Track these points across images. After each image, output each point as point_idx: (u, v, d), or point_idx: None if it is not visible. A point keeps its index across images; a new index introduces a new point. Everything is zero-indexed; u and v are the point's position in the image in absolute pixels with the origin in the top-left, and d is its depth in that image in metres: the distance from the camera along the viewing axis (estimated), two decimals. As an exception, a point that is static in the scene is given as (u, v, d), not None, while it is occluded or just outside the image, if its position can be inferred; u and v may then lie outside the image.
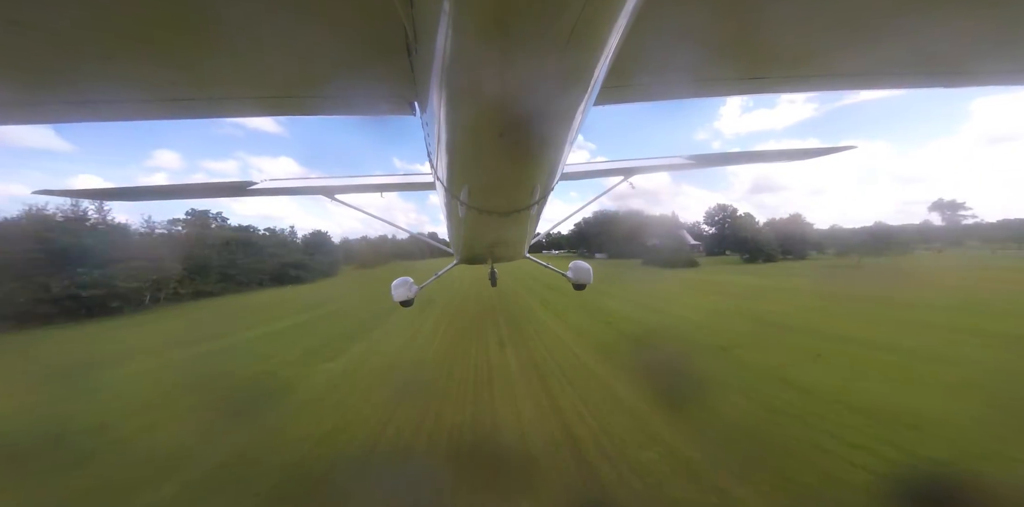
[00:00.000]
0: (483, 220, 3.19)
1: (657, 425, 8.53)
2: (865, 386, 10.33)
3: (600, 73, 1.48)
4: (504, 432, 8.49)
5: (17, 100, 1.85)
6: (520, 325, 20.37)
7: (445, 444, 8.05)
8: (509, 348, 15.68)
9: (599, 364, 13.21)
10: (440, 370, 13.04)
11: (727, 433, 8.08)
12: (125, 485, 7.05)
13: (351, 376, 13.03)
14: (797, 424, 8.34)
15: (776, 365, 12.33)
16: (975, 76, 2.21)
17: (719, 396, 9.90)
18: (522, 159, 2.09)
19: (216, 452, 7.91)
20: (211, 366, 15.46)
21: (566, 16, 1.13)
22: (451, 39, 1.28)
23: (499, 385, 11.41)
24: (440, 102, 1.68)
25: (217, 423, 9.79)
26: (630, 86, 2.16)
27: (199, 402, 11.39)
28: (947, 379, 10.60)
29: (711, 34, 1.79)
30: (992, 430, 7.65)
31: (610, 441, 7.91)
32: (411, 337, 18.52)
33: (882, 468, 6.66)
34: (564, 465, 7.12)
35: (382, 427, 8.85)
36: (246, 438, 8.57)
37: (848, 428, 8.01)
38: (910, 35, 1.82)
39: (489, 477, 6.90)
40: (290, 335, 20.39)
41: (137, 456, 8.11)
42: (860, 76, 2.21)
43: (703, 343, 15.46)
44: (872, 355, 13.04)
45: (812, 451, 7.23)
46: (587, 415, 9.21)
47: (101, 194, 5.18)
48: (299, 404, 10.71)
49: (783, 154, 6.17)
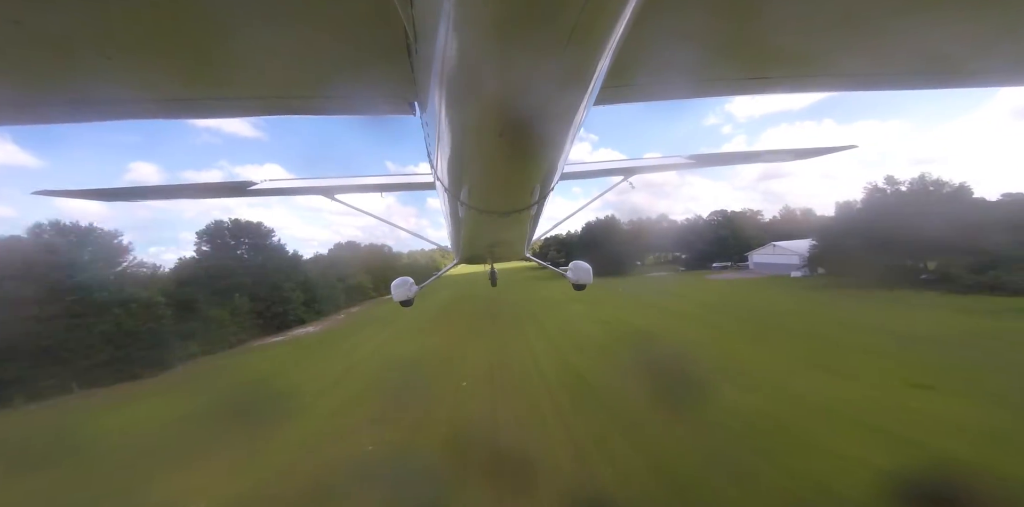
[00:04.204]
0: (483, 220, 3.20)
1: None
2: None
3: (600, 73, 1.48)
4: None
5: (17, 100, 1.85)
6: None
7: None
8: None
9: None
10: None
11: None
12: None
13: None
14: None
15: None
16: (975, 76, 2.21)
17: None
18: (522, 159, 2.09)
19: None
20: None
21: (566, 16, 1.13)
22: (451, 39, 1.28)
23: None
24: (440, 102, 1.68)
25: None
26: (630, 86, 2.16)
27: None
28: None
29: (712, 34, 1.79)
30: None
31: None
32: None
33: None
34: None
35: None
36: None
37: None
38: (910, 35, 1.82)
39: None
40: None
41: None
42: (860, 76, 2.20)
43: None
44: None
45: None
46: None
47: (101, 194, 5.16)
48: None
49: (783, 154, 6.16)
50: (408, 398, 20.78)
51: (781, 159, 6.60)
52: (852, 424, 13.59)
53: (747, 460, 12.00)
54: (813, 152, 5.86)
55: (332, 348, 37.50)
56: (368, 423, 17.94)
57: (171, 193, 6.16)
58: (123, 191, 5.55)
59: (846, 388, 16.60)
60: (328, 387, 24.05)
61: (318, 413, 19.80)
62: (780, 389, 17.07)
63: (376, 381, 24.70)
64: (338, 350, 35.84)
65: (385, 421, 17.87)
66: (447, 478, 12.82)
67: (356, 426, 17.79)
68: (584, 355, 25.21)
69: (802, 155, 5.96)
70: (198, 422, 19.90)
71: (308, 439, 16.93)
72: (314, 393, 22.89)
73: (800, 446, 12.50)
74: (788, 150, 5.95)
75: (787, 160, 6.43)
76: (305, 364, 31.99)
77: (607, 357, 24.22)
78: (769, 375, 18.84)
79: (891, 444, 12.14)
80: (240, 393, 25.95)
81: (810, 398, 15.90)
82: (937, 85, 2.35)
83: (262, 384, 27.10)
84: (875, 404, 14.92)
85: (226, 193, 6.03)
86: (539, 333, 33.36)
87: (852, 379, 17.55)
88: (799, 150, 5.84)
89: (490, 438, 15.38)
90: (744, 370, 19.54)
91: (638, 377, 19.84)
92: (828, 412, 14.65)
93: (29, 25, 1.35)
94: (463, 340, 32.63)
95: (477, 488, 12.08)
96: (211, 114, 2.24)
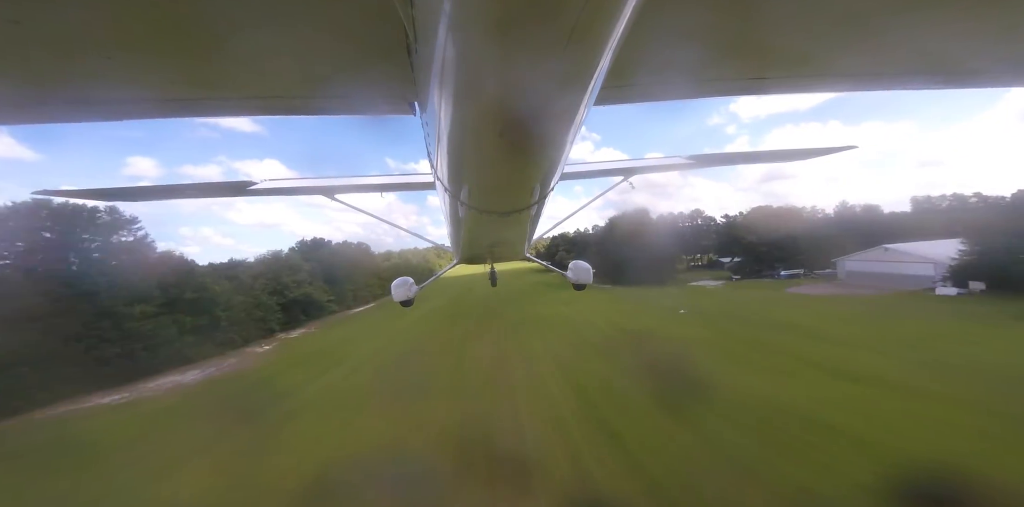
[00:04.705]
0: (483, 220, 3.20)
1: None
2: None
3: (600, 73, 1.48)
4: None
5: (18, 100, 1.85)
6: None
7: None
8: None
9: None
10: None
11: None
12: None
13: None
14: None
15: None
16: (975, 76, 2.20)
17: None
18: (522, 159, 2.09)
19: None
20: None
21: (566, 16, 1.13)
22: (451, 39, 1.28)
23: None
24: (440, 102, 1.68)
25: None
26: (630, 86, 2.16)
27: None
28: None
29: (712, 34, 1.79)
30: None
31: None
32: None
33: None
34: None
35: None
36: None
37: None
38: (910, 35, 1.82)
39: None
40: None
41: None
42: (860, 76, 2.20)
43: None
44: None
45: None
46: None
47: (101, 194, 5.17)
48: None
49: (783, 154, 6.17)
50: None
51: (781, 159, 6.61)
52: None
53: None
54: (813, 153, 5.86)
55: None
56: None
57: (171, 193, 6.16)
58: (123, 191, 5.55)
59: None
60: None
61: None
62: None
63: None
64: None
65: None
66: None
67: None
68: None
69: (802, 156, 5.97)
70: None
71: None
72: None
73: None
74: (788, 150, 5.96)
75: (787, 160, 6.44)
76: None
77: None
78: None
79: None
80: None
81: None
82: (937, 85, 2.35)
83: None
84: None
85: (226, 193, 6.04)
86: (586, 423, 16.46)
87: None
88: (799, 151, 5.85)
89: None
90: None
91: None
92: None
93: (29, 25, 1.36)
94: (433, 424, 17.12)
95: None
96: (211, 114, 2.24)
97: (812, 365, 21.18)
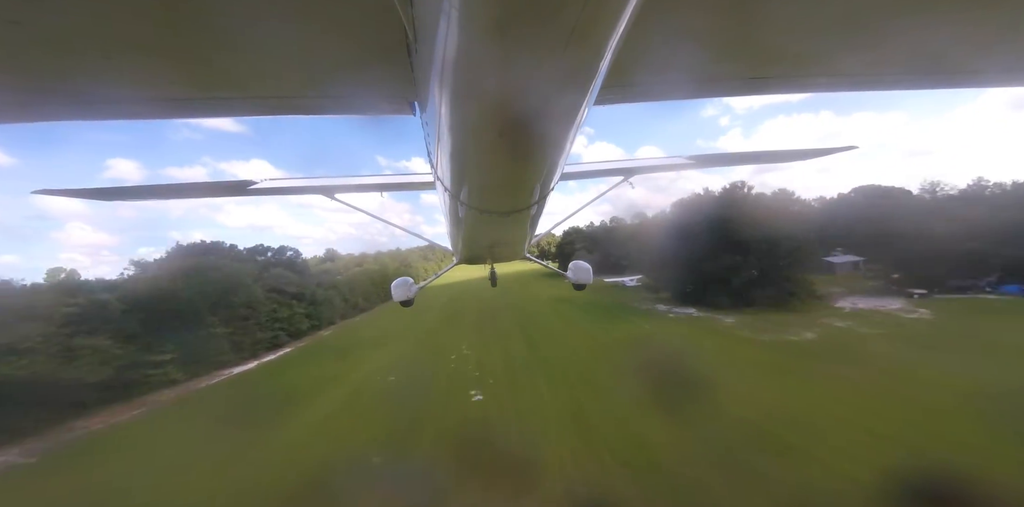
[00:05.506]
0: (483, 220, 3.19)
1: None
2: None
3: (600, 73, 1.48)
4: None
5: (18, 99, 1.85)
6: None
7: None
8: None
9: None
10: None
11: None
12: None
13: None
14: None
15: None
16: (975, 76, 2.21)
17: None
18: (522, 159, 2.08)
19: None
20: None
21: (566, 16, 1.13)
22: (451, 39, 1.27)
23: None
24: (440, 102, 1.68)
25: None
26: (630, 86, 2.16)
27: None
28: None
29: (712, 34, 1.79)
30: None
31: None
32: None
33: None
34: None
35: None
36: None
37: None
38: (910, 35, 1.82)
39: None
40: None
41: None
42: (860, 76, 2.20)
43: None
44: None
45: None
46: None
47: (101, 194, 5.15)
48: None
49: (783, 155, 6.16)
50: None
51: (782, 160, 6.61)
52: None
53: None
54: (813, 153, 5.86)
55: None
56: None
57: (173, 193, 6.17)
58: (123, 191, 5.55)
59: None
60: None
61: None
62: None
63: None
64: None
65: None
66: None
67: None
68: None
69: (802, 156, 5.97)
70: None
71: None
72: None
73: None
74: (789, 151, 5.96)
75: (788, 161, 6.44)
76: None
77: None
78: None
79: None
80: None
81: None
82: (937, 85, 2.35)
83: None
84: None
85: (226, 192, 6.04)
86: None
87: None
88: (799, 151, 5.85)
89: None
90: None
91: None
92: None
93: (29, 25, 1.36)
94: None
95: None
96: (211, 114, 2.24)
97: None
